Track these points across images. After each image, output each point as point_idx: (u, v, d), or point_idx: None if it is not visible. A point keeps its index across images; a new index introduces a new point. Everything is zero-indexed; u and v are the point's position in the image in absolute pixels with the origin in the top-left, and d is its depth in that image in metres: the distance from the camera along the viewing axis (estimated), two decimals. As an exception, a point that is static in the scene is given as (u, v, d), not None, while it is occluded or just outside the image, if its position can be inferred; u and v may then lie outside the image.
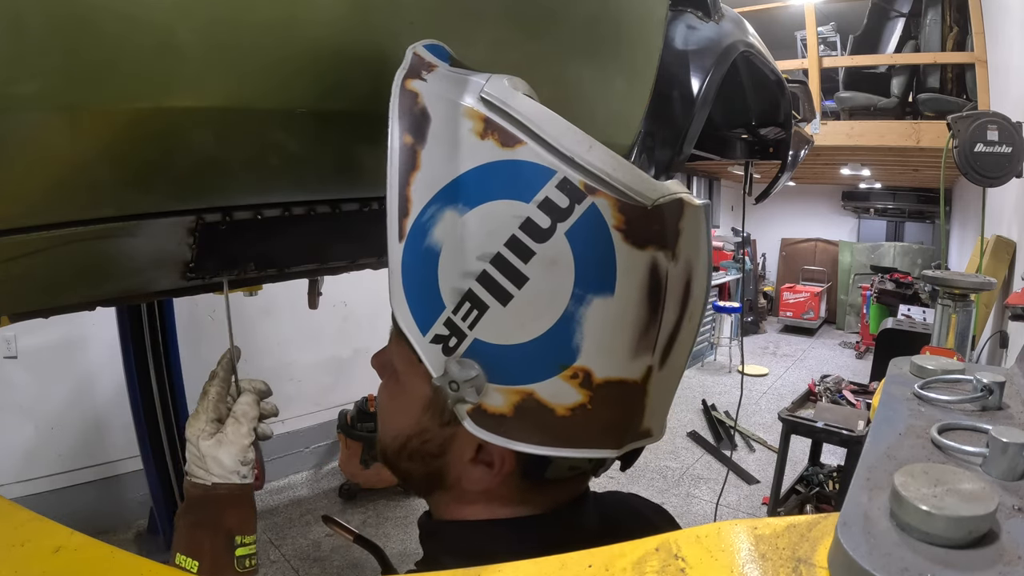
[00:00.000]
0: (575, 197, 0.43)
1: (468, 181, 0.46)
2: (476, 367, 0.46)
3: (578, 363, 0.45)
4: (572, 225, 0.43)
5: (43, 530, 0.49)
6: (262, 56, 0.55)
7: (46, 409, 2.88)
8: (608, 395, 0.46)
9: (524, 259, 0.44)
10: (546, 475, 0.51)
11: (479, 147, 0.46)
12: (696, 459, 4.39)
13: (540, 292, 0.44)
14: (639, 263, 0.44)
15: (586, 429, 0.47)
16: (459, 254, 0.45)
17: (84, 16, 0.44)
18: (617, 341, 0.45)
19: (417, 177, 0.47)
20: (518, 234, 0.44)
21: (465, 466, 0.51)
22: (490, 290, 0.44)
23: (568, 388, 0.45)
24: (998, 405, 0.43)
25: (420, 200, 0.47)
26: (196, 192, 0.63)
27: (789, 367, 7.00)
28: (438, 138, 0.47)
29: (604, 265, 0.44)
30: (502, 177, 0.45)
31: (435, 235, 0.46)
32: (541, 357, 0.45)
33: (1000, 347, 2.81)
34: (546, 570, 0.38)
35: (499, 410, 0.46)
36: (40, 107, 0.46)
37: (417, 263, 0.47)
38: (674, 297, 0.47)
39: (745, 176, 2.31)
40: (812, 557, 0.32)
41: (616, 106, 1.09)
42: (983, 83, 4.35)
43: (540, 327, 0.44)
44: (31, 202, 0.52)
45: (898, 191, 8.73)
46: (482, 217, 0.45)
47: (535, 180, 0.44)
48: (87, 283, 0.65)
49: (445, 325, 0.46)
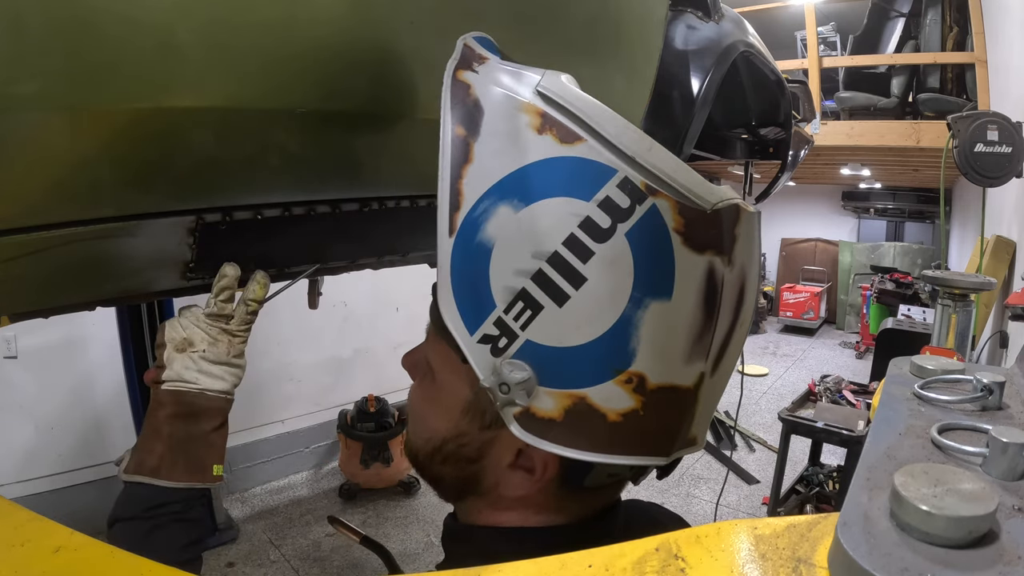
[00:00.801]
0: (636, 197, 0.42)
1: (525, 176, 0.44)
2: (528, 369, 0.44)
3: (633, 368, 0.44)
4: (632, 226, 0.42)
5: (43, 530, 0.49)
6: (262, 56, 0.55)
7: (46, 409, 2.88)
8: (661, 401, 0.45)
9: (583, 259, 0.42)
10: (585, 483, 0.50)
11: (537, 142, 0.44)
12: (696, 459, 4.38)
13: (599, 293, 0.43)
14: (697, 267, 0.43)
15: (636, 436, 0.46)
16: (514, 251, 0.44)
17: (84, 17, 0.44)
18: (673, 346, 0.44)
19: (470, 170, 0.46)
20: (577, 233, 0.42)
21: (503, 471, 0.50)
22: (546, 290, 0.43)
23: (621, 393, 0.44)
24: (998, 405, 0.43)
25: (473, 194, 0.45)
26: (196, 192, 0.63)
27: (789, 367, 7.00)
28: (493, 131, 0.46)
29: (663, 268, 0.43)
30: (561, 174, 0.44)
31: (488, 231, 0.45)
32: (596, 360, 0.44)
33: (1000, 347, 2.81)
34: (546, 570, 0.38)
35: (548, 414, 0.45)
36: (40, 107, 0.46)
37: (468, 259, 0.46)
38: (728, 303, 0.46)
39: (745, 176, 2.31)
40: (812, 557, 0.32)
41: (616, 106, 1.09)
42: (983, 83, 4.35)
43: (597, 330, 0.43)
44: (31, 202, 0.52)
45: (898, 191, 8.73)
46: (539, 214, 0.43)
47: (596, 178, 0.43)
48: (87, 283, 0.65)
49: (495, 325, 0.45)
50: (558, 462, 0.48)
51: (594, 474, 0.49)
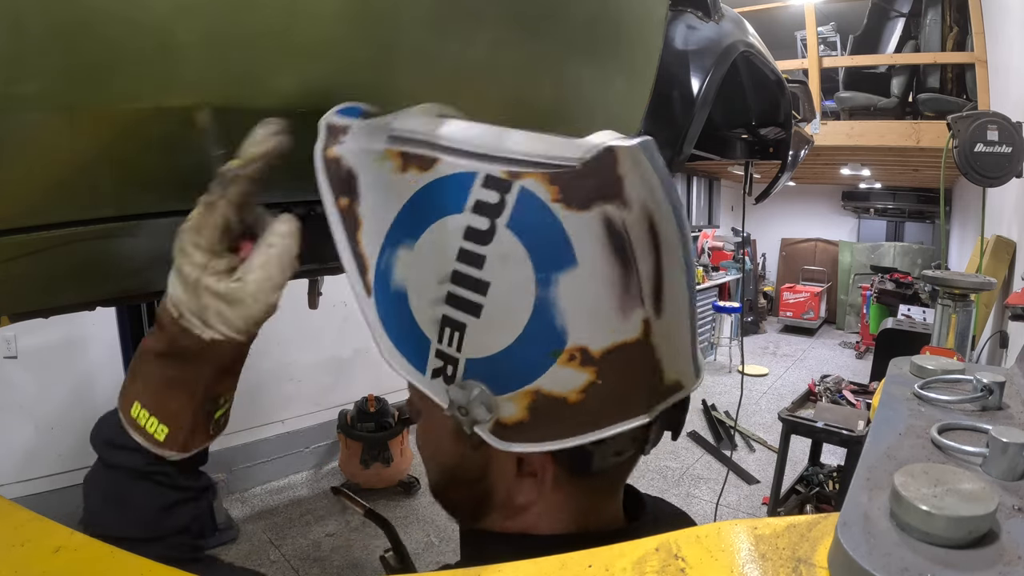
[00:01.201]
0: (502, 188, 0.44)
1: (406, 216, 0.47)
2: (477, 385, 0.45)
3: (570, 344, 0.44)
4: (510, 216, 0.43)
5: (43, 530, 0.49)
6: (262, 56, 0.55)
7: (46, 409, 2.88)
8: (614, 363, 0.45)
9: (478, 266, 0.44)
10: (593, 468, 0.49)
11: (404, 181, 0.47)
12: (696, 459, 4.39)
13: (505, 291, 0.44)
14: (591, 224, 0.43)
15: (607, 405, 0.46)
16: (423, 285, 0.46)
17: (84, 16, 0.44)
18: (600, 308, 0.44)
19: (363, 232, 0.49)
20: (464, 244, 0.44)
21: (513, 482, 0.51)
22: (461, 308, 0.45)
23: (570, 372, 0.44)
24: (998, 405, 0.43)
25: (373, 252, 0.49)
26: (196, 192, 0.63)
27: (789, 367, 7.00)
28: (369, 189, 0.49)
29: (556, 241, 0.43)
30: (432, 199, 0.46)
31: (396, 278, 0.48)
32: (531, 352, 0.44)
33: (1000, 347, 2.81)
34: (546, 570, 0.38)
35: (516, 418, 0.46)
36: (40, 107, 0.46)
37: (391, 309, 0.49)
38: (642, 243, 0.45)
39: (745, 176, 2.31)
40: (812, 557, 0.32)
41: (616, 106, 1.09)
42: (983, 83, 4.35)
43: (519, 324, 0.44)
44: (31, 202, 0.52)
45: (898, 191, 8.73)
46: (429, 243, 0.46)
47: (460, 188, 0.45)
48: (87, 283, 0.65)
49: (437, 357, 0.47)
50: (552, 458, 0.48)
51: (597, 457, 0.49)
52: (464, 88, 0.76)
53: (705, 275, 7.23)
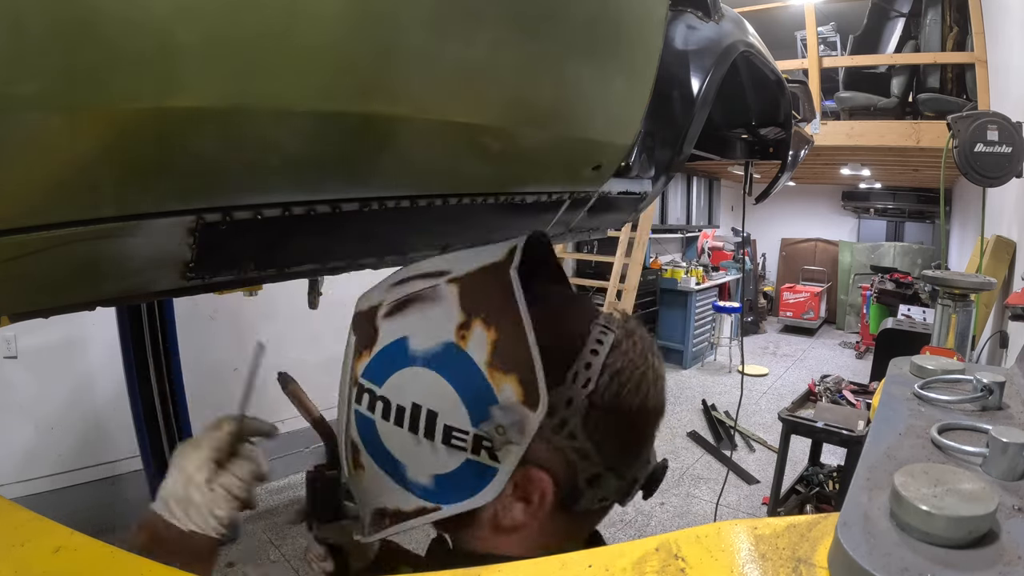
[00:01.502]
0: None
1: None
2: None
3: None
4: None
5: (43, 530, 0.49)
6: (262, 56, 0.55)
7: (46, 409, 2.88)
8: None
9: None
10: (578, 507, 0.53)
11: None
12: (696, 459, 4.39)
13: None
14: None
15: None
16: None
17: (84, 16, 0.44)
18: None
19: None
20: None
21: (506, 501, 0.52)
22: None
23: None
24: (998, 405, 0.43)
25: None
26: (196, 192, 0.63)
27: (789, 367, 7.00)
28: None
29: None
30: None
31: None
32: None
33: (1000, 347, 2.81)
34: (546, 570, 0.38)
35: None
36: (40, 107, 0.46)
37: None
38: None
39: (745, 176, 2.31)
40: (812, 557, 0.32)
41: (616, 106, 1.09)
42: (983, 83, 4.35)
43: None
44: (31, 202, 0.52)
45: (898, 191, 8.73)
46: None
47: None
48: (87, 283, 0.65)
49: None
50: (553, 490, 0.51)
51: (585, 499, 0.53)
52: (464, 88, 0.76)
53: (705, 275, 7.22)
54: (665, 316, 6.77)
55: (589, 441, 0.51)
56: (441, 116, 0.75)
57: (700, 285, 6.86)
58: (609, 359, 0.52)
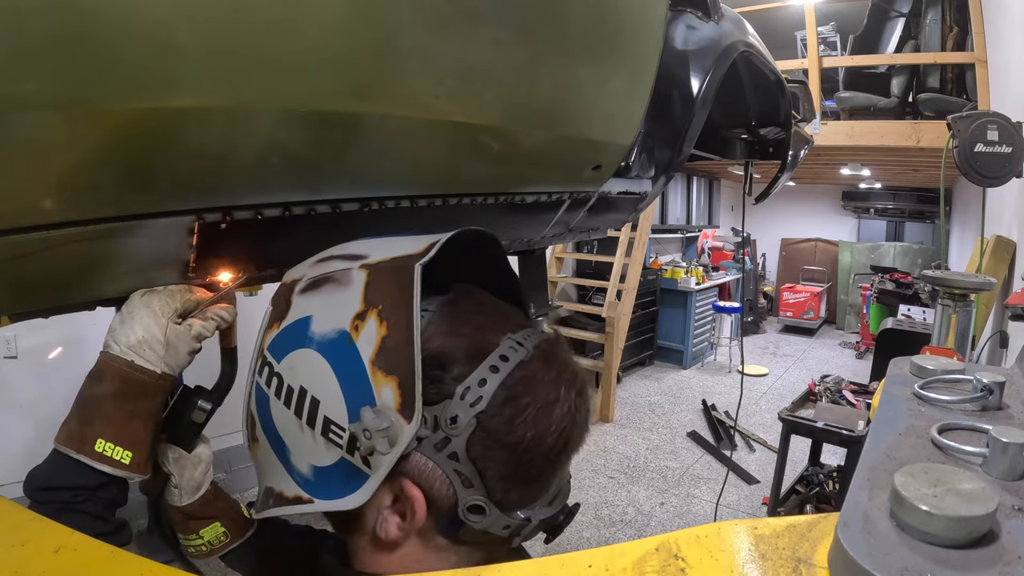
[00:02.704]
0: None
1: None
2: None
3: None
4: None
5: (43, 530, 0.49)
6: (262, 56, 0.55)
7: (46, 409, 2.87)
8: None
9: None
10: (459, 536, 0.49)
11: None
12: (696, 459, 4.39)
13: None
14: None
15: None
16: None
17: (84, 16, 0.44)
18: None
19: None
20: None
21: (384, 513, 0.49)
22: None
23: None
24: (998, 405, 0.43)
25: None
26: (196, 192, 0.63)
27: (789, 367, 7.00)
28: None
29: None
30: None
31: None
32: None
33: (1000, 347, 2.80)
34: (546, 570, 0.38)
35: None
36: (40, 107, 0.46)
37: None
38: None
39: (745, 176, 2.31)
40: (812, 557, 0.32)
41: (616, 106, 1.09)
42: (983, 83, 4.35)
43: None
44: (31, 202, 0.52)
45: (898, 191, 8.73)
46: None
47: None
48: (87, 283, 0.65)
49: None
50: (426, 510, 0.48)
51: (466, 529, 0.48)
52: (464, 88, 0.76)
53: (705, 275, 7.22)
54: (665, 316, 6.78)
55: (473, 466, 0.47)
56: (441, 116, 0.75)
57: (700, 285, 6.86)
58: (509, 379, 0.47)
